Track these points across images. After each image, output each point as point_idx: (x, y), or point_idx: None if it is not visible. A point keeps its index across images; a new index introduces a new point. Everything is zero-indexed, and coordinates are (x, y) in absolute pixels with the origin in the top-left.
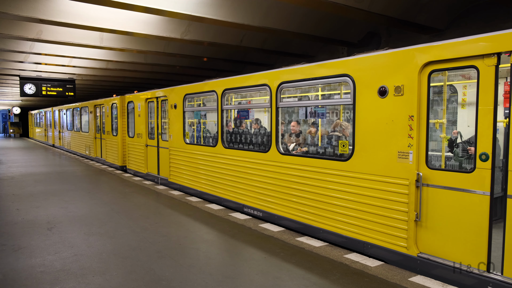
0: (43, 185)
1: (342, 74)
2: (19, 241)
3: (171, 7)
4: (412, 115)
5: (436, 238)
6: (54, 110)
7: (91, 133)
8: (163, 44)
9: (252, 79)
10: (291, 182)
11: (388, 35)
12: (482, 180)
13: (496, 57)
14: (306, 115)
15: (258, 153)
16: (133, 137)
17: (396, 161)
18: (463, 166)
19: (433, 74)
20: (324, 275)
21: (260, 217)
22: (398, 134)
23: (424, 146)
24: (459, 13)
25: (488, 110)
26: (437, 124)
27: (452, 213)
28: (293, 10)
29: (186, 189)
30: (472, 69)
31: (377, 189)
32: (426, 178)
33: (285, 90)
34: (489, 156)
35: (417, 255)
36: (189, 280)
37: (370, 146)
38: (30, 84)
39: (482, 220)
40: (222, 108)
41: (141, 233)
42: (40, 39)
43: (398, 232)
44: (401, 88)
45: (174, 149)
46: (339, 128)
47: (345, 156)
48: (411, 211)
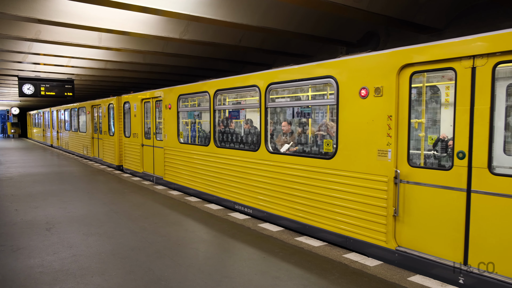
0: (41, 185)
1: (326, 76)
2: (17, 241)
3: (170, 7)
4: (390, 115)
5: (414, 233)
6: (52, 110)
7: (89, 133)
8: (162, 44)
9: (242, 80)
10: (279, 180)
11: (387, 35)
12: (459, 177)
13: (472, 60)
14: (293, 115)
15: (248, 152)
16: (130, 137)
17: (376, 159)
18: (442, 164)
19: (415, 75)
20: (323, 275)
21: (250, 214)
22: (378, 133)
23: (405, 145)
24: (458, 13)
25: (465, 110)
26: (416, 124)
27: (430, 208)
28: (292, 10)
29: (180, 187)
30: (450, 70)
31: (359, 186)
32: (406, 175)
33: (275, 91)
34: (466, 154)
35: (395, 248)
36: (188, 280)
37: (352, 145)
38: (29, 84)
39: (459, 216)
40: (214, 108)
41: (140, 233)
42: (38, 39)
43: (378, 227)
44: (381, 89)
45: (169, 149)
46: (324, 127)
47: (329, 154)
48: (390, 207)
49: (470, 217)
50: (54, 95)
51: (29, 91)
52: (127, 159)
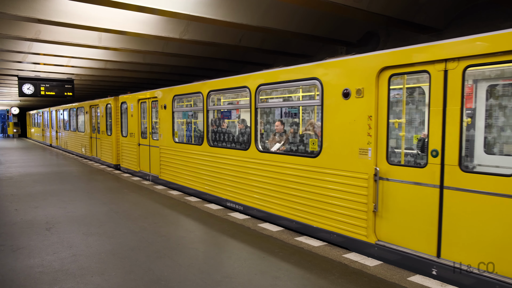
0: (41, 185)
1: (312, 78)
2: (17, 241)
3: (170, 6)
4: (370, 115)
5: (392, 227)
6: (52, 110)
7: (87, 133)
8: (162, 44)
9: (234, 81)
10: (269, 177)
11: (387, 35)
12: (433, 174)
13: (444, 63)
14: (281, 115)
15: (239, 150)
16: (127, 136)
17: (357, 157)
18: (417, 161)
19: (393, 77)
20: (323, 275)
21: (241, 210)
22: (359, 132)
23: (384, 144)
24: (458, 13)
25: (438, 111)
26: (396, 124)
27: (407, 204)
28: (292, 10)
29: (174, 185)
30: (425, 73)
31: (341, 183)
32: (385, 172)
33: (264, 92)
34: (439, 152)
35: (375, 242)
36: (188, 280)
37: (336, 144)
38: (29, 84)
39: (433, 211)
40: (208, 108)
41: (139, 233)
42: (38, 39)
43: (359, 222)
44: (362, 90)
45: (164, 148)
46: (310, 127)
47: (315, 153)
48: (370, 203)
49: (443, 212)
50: (54, 95)
51: (29, 91)
52: (124, 158)
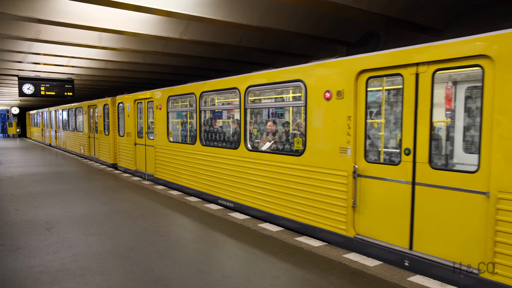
0: (41, 185)
1: (296, 80)
2: (17, 241)
3: (170, 6)
4: (350, 115)
5: (369, 221)
6: (51, 110)
7: (85, 133)
8: (162, 44)
9: (225, 83)
10: (257, 175)
11: (387, 35)
12: (406, 171)
13: (416, 67)
14: (268, 116)
15: (230, 149)
16: (123, 136)
17: (338, 156)
18: (392, 159)
19: (370, 80)
20: (323, 275)
21: (231, 207)
22: (339, 132)
23: (362, 143)
24: (458, 13)
25: (410, 112)
26: (375, 124)
27: (382, 200)
28: (291, 9)
29: (170, 184)
30: (399, 76)
31: (324, 180)
32: (363, 170)
33: (253, 93)
34: (411, 151)
35: (353, 236)
36: (188, 280)
37: (318, 143)
38: (29, 84)
39: (406, 205)
40: (200, 109)
41: (139, 233)
42: (38, 39)
43: (339, 217)
44: (342, 92)
45: (159, 147)
46: (297, 127)
47: (299, 151)
48: (349, 198)
49: (414, 207)
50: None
51: (29, 91)
52: (121, 157)
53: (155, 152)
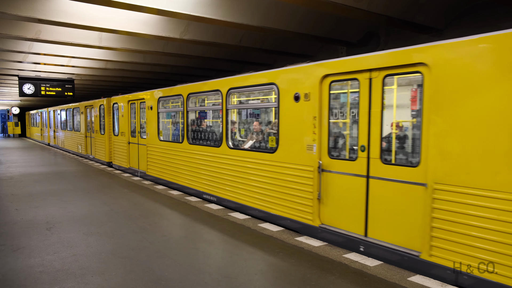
0: (41, 184)
1: (271, 83)
2: (18, 241)
3: (170, 6)
4: (315, 116)
5: (332, 212)
6: (50, 110)
7: (83, 132)
8: (162, 44)
9: (209, 85)
10: (237, 171)
11: (387, 35)
12: (362, 166)
13: (369, 73)
14: (247, 116)
15: (213, 147)
16: (118, 135)
17: (306, 152)
18: (351, 155)
19: (333, 83)
20: (323, 275)
21: (214, 201)
22: (307, 131)
23: (326, 140)
24: (458, 13)
25: (365, 113)
26: (341, 123)
27: (343, 192)
28: (292, 9)
29: (160, 180)
30: (356, 80)
31: (293, 175)
32: (327, 165)
33: (234, 95)
34: (366, 147)
35: (318, 225)
36: (188, 280)
37: (289, 141)
38: (29, 84)
39: (362, 197)
40: (187, 109)
41: (140, 233)
42: (39, 39)
43: (307, 208)
44: (309, 94)
45: (151, 146)
46: (274, 127)
47: (273, 149)
48: (315, 191)
49: (369, 198)
50: (55, 94)
51: (30, 91)
52: (116, 156)
53: (147, 151)
